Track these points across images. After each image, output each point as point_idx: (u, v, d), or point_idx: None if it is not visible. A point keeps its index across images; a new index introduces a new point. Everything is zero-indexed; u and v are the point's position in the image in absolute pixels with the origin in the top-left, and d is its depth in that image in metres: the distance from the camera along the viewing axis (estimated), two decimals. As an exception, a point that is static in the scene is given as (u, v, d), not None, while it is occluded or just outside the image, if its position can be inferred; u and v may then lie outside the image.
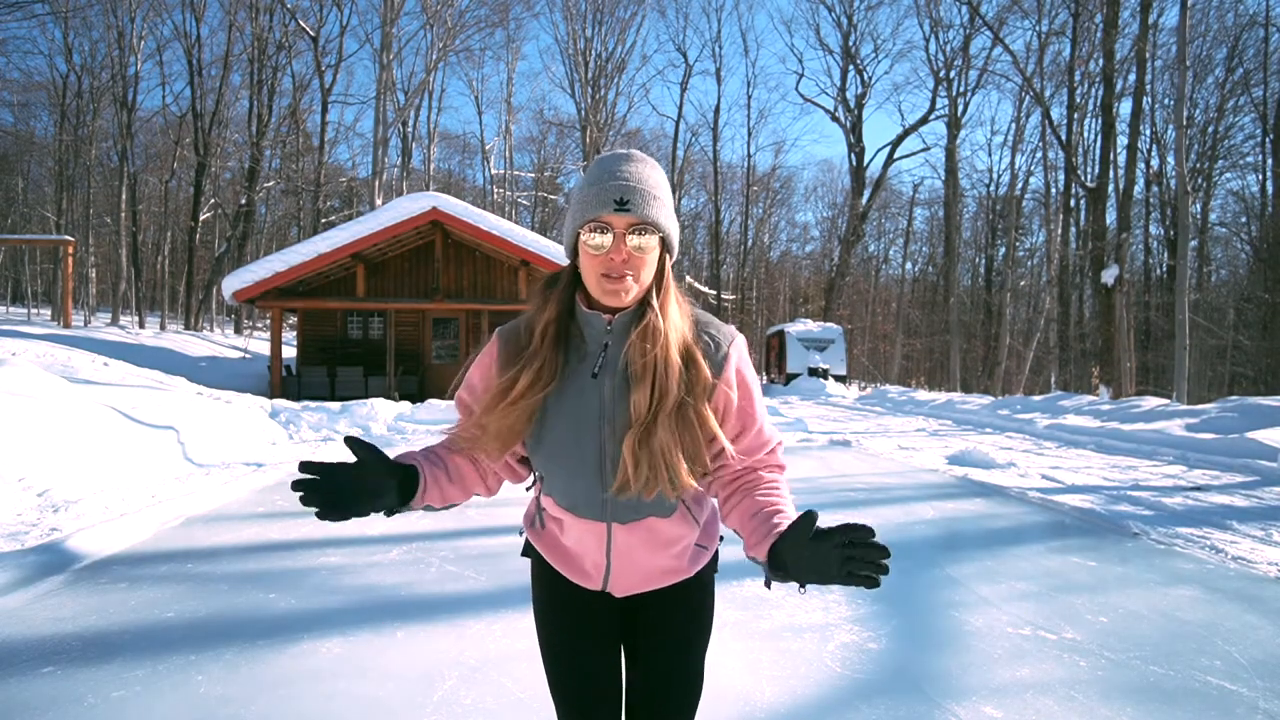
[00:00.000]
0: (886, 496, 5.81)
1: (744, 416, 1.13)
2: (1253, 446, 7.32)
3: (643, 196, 1.05)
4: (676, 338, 1.07)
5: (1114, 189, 19.11)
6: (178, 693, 2.24)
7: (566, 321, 1.12)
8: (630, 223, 1.04)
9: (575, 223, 1.08)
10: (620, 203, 1.03)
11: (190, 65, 27.16)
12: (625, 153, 1.12)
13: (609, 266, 1.04)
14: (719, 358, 1.11)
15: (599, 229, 1.04)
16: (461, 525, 4.49)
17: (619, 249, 1.04)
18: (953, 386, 26.88)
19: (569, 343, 1.11)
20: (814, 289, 43.92)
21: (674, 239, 1.11)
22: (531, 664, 2.47)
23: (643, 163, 1.09)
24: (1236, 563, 3.87)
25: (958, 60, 28.07)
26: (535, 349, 1.09)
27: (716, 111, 36.47)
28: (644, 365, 1.05)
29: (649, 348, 1.05)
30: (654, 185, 1.07)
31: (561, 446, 1.09)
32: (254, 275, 13.94)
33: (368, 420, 9.80)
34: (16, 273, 40.25)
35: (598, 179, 1.07)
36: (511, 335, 1.15)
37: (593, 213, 1.04)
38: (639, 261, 1.06)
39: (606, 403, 1.07)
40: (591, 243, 1.05)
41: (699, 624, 1.22)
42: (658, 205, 1.06)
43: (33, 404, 5.56)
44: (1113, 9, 17.39)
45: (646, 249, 1.06)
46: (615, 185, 1.05)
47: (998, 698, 2.27)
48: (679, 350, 1.07)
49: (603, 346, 1.10)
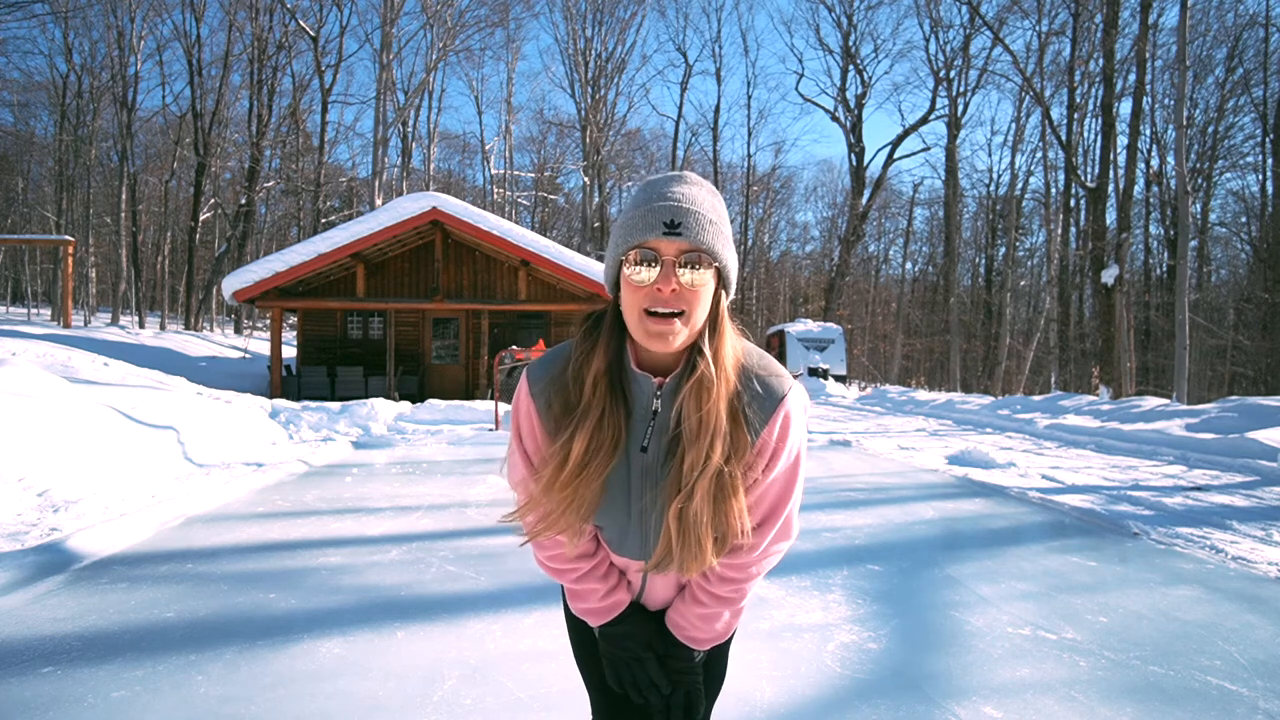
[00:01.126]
0: (886, 496, 5.81)
1: (770, 500, 1.00)
2: (1253, 446, 7.32)
3: (697, 220, 0.90)
4: (727, 390, 0.94)
5: (1114, 189, 19.11)
6: (178, 693, 2.23)
7: (617, 374, 0.97)
8: (682, 249, 0.90)
9: (618, 249, 0.92)
10: (671, 226, 0.89)
11: (190, 65, 27.19)
12: (678, 174, 0.97)
13: (655, 300, 0.89)
14: (764, 414, 0.96)
15: (645, 257, 0.89)
16: (461, 525, 4.49)
17: (668, 279, 0.89)
18: (953, 386, 26.90)
19: (626, 400, 0.97)
20: (814, 289, 43.95)
21: (732, 273, 0.96)
22: (532, 664, 2.47)
23: (697, 185, 0.95)
24: (1236, 563, 3.87)
25: (958, 60, 28.12)
26: (588, 403, 0.95)
27: (716, 111, 36.55)
28: (694, 425, 0.92)
29: (701, 405, 0.92)
30: (710, 209, 0.93)
31: (605, 513, 1.01)
32: (254, 275, 13.94)
33: (368, 420, 9.80)
34: (16, 273, 40.26)
35: (645, 200, 0.92)
36: (556, 388, 0.99)
37: (638, 237, 0.90)
38: (691, 297, 0.90)
39: (651, 468, 0.97)
40: (636, 275, 0.89)
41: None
42: (714, 231, 0.92)
43: (33, 404, 5.56)
44: (1113, 9, 17.40)
45: (699, 283, 0.90)
46: (665, 206, 0.90)
47: (998, 698, 2.27)
48: (729, 405, 0.94)
49: (652, 414, 0.97)
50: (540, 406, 1.00)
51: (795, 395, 0.99)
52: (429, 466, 6.92)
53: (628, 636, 1.07)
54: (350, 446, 8.22)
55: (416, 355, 16.67)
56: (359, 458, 7.51)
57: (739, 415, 0.95)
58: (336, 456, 7.54)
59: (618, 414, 0.95)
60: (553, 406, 0.99)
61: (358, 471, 6.61)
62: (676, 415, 0.94)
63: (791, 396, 0.98)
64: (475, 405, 11.68)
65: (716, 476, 0.92)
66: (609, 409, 0.95)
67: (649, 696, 1.06)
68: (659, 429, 0.97)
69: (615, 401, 0.95)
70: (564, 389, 0.98)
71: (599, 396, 0.95)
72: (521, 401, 1.03)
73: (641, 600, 1.15)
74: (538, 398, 1.00)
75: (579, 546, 1.05)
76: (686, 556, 0.94)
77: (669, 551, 0.95)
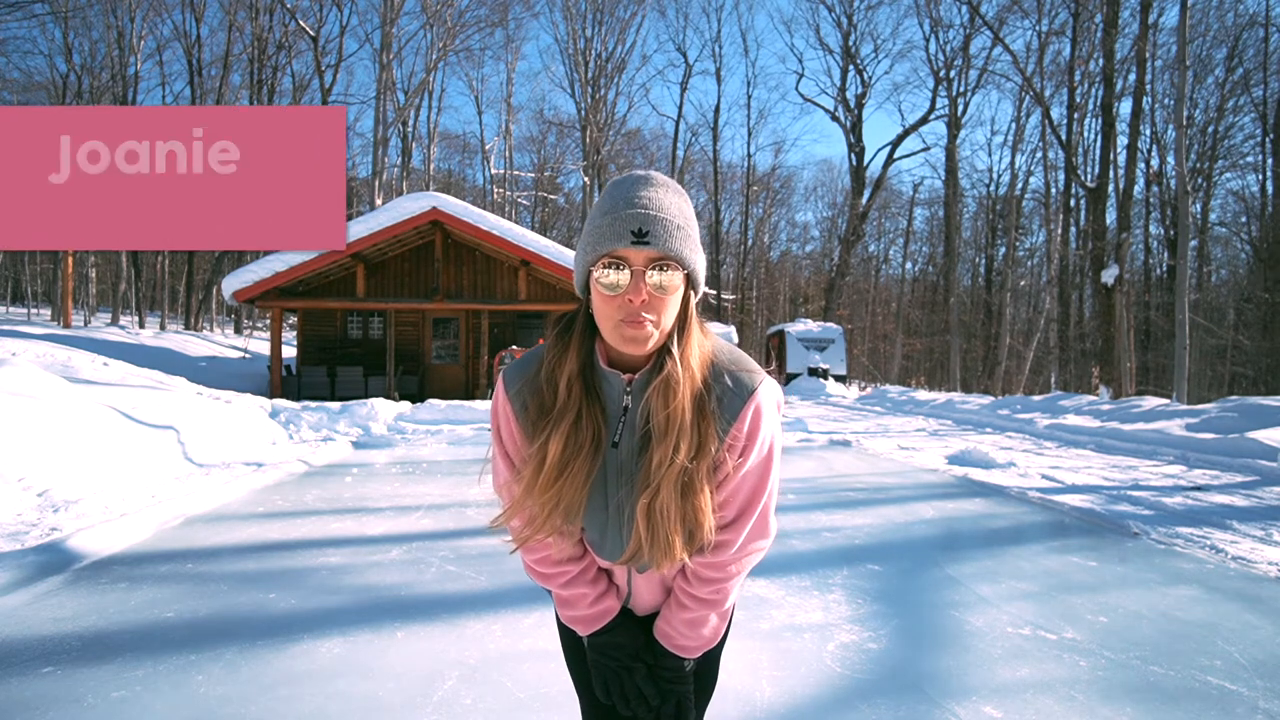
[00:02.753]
0: (886, 496, 5.81)
1: (744, 495, 1.01)
2: (1253, 446, 7.32)
3: (665, 227, 0.91)
4: (693, 388, 0.96)
5: (1114, 189, 19.11)
6: (178, 693, 2.23)
7: (589, 375, 0.99)
8: (651, 258, 0.91)
9: (587, 257, 0.94)
10: (639, 234, 0.90)
11: (190, 65, 27.20)
12: (643, 174, 0.98)
13: (627, 311, 0.91)
14: (733, 408, 0.97)
15: (614, 264, 0.91)
16: (461, 525, 4.49)
17: (638, 289, 0.91)
18: (953, 386, 26.89)
19: (600, 399, 0.99)
20: (814, 289, 43.95)
21: (700, 274, 0.98)
22: (532, 664, 2.47)
23: (663, 187, 0.96)
24: (1236, 563, 3.87)
25: (958, 60, 28.12)
26: (563, 405, 0.96)
27: (716, 111, 36.57)
28: (661, 422, 0.94)
29: (667, 403, 0.94)
30: (677, 214, 0.94)
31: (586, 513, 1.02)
32: (254, 275, 13.95)
33: (368, 420, 9.80)
34: (16, 273, 40.26)
35: (612, 207, 0.93)
36: (531, 390, 1.00)
37: (607, 246, 0.91)
38: (660, 303, 0.92)
39: (626, 464, 0.99)
40: (605, 281, 0.92)
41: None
42: (682, 236, 0.93)
43: (33, 404, 5.56)
44: (1113, 9, 17.40)
45: (669, 288, 0.93)
46: (632, 215, 0.91)
47: (998, 698, 2.27)
48: (694, 403, 0.95)
49: (623, 410, 0.99)
50: (516, 409, 1.01)
51: (766, 389, 0.99)
52: (429, 466, 6.92)
53: (616, 647, 1.07)
54: (350, 446, 8.22)
55: (416, 355, 16.67)
56: (359, 458, 7.51)
57: (707, 411, 0.96)
58: (336, 456, 7.54)
59: (594, 413, 0.97)
60: (529, 409, 1.00)
61: (358, 471, 6.61)
62: (645, 413, 0.96)
63: (762, 390, 0.98)
64: (475, 405, 11.68)
65: (683, 473, 0.94)
66: (585, 408, 0.96)
67: (636, 710, 1.05)
68: (630, 425, 0.98)
69: (591, 401, 0.97)
70: (539, 391, 1.00)
71: (574, 398, 0.96)
72: (499, 405, 1.04)
73: (629, 605, 1.15)
74: (514, 400, 1.01)
75: (566, 550, 1.05)
76: (656, 552, 0.95)
77: (639, 547, 0.96)
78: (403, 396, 14.96)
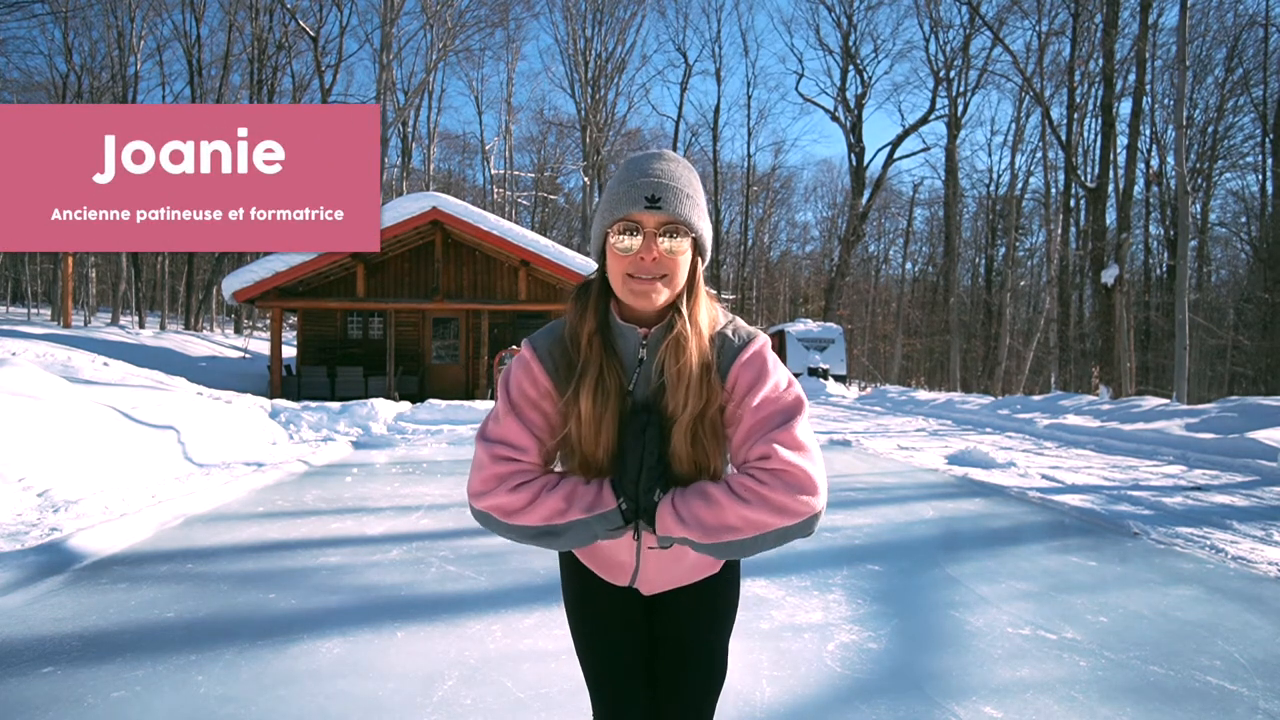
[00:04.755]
0: (886, 496, 5.81)
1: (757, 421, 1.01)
2: (1253, 446, 7.32)
3: (675, 194, 1.01)
4: (700, 345, 1.04)
5: (1114, 189, 19.10)
6: (178, 693, 2.23)
7: (607, 332, 1.07)
8: (662, 221, 1.00)
9: (604, 222, 1.03)
10: (651, 200, 0.99)
11: (190, 65, 27.20)
12: (657, 152, 1.07)
13: (638, 267, 1.00)
14: (732, 353, 1.06)
15: (629, 228, 1.00)
16: (461, 525, 4.49)
17: (649, 249, 1.00)
18: (953, 386, 26.90)
19: (617, 353, 1.07)
20: (814, 289, 43.92)
21: (707, 241, 1.07)
22: (532, 664, 2.47)
23: (675, 161, 1.06)
24: (1236, 563, 3.87)
25: (958, 60, 28.11)
26: (585, 359, 1.05)
27: (716, 111, 36.56)
28: (673, 375, 1.02)
29: (678, 359, 1.02)
30: (687, 184, 1.03)
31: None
32: (254, 275, 13.94)
33: (368, 420, 9.80)
34: (16, 273, 40.25)
35: (627, 177, 1.03)
36: (557, 347, 1.08)
37: (622, 211, 1.00)
38: (671, 263, 1.01)
39: (640, 412, 1.05)
40: (620, 245, 1.01)
41: (722, 608, 1.22)
42: (690, 204, 1.02)
43: (33, 404, 5.56)
44: (1113, 9, 17.39)
45: (678, 250, 1.01)
46: (646, 182, 1.00)
47: (998, 698, 2.27)
48: (700, 359, 1.04)
49: (638, 361, 1.07)
50: (544, 360, 1.07)
51: (763, 340, 1.08)
52: (429, 466, 6.92)
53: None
54: (350, 446, 8.22)
55: (416, 355, 16.66)
56: (359, 458, 7.51)
57: (711, 363, 1.04)
58: (336, 456, 7.54)
59: (614, 366, 1.05)
60: (557, 364, 1.07)
61: (358, 471, 6.61)
62: (659, 366, 1.04)
63: (760, 340, 1.07)
64: (475, 405, 11.68)
65: (693, 420, 1.02)
66: (605, 362, 1.04)
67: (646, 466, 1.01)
68: (644, 377, 1.07)
69: (609, 355, 1.05)
70: (564, 348, 1.08)
71: (595, 352, 1.05)
72: (520, 362, 1.09)
73: (636, 584, 1.16)
74: (543, 357, 1.08)
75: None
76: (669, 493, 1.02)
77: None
78: (403, 396, 14.96)
